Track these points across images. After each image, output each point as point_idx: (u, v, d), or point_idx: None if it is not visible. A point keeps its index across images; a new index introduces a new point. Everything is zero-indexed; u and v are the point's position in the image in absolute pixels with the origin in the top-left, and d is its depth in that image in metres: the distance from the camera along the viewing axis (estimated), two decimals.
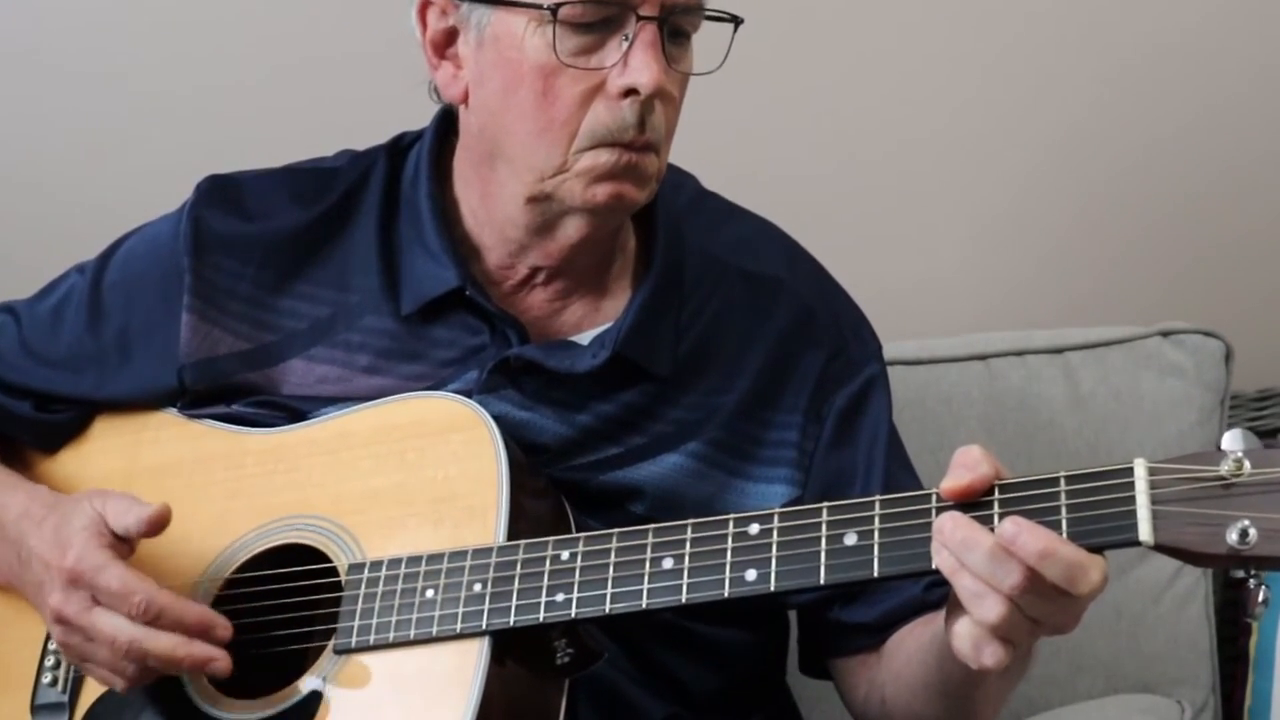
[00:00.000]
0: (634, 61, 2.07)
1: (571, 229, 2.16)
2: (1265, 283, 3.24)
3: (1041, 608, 1.80)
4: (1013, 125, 3.23)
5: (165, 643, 2.05)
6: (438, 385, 2.18)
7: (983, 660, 1.82)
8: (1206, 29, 3.21)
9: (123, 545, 2.11)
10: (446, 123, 2.28)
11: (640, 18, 2.07)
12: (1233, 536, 1.71)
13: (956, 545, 1.80)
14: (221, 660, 2.05)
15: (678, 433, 2.19)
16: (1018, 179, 3.25)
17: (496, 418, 2.11)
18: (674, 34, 2.10)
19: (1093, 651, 2.77)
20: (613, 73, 2.08)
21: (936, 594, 2.06)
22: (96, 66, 3.19)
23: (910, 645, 2.14)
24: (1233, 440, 1.76)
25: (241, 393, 2.25)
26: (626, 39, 2.07)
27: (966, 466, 1.86)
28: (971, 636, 1.82)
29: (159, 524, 2.10)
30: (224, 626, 2.07)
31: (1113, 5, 3.21)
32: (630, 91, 2.07)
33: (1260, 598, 1.74)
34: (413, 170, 2.27)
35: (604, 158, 2.10)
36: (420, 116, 2.31)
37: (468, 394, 2.15)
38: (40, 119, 3.21)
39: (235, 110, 3.18)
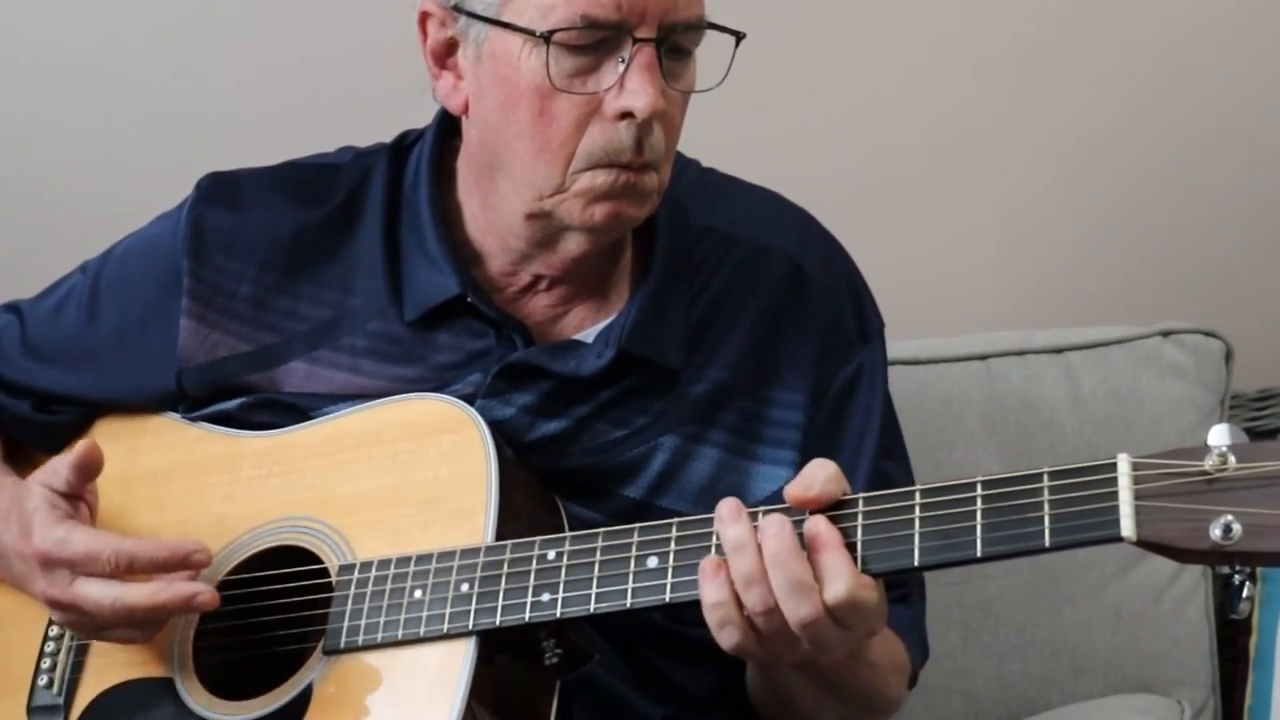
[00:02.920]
0: (630, 84, 2.05)
1: (572, 244, 2.16)
2: (1265, 283, 3.23)
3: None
4: (1015, 128, 3.23)
5: (144, 592, 2.05)
6: (440, 389, 2.17)
7: (721, 638, 1.91)
8: (1212, 34, 3.20)
9: (78, 505, 2.12)
10: (448, 123, 2.27)
11: (637, 40, 2.05)
12: (1216, 532, 1.70)
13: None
14: (205, 594, 2.05)
15: (677, 411, 2.18)
16: (1019, 180, 3.25)
17: (501, 421, 2.13)
18: (674, 51, 2.09)
19: (1093, 651, 2.77)
20: (609, 95, 2.06)
21: None
22: (96, 66, 3.19)
23: None
24: (1219, 435, 1.76)
25: (242, 393, 2.25)
26: (623, 61, 2.05)
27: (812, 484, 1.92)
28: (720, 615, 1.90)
29: (87, 463, 2.10)
30: (200, 549, 2.07)
31: (1119, 11, 3.21)
32: (627, 114, 2.06)
33: (1245, 594, 1.74)
34: (413, 173, 2.27)
35: (601, 179, 2.09)
36: (423, 114, 2.31)
37: (471, 397, 2.15)
38: (41, 119, 3.21)
39: (236, 109, 3.19)
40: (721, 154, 2.38)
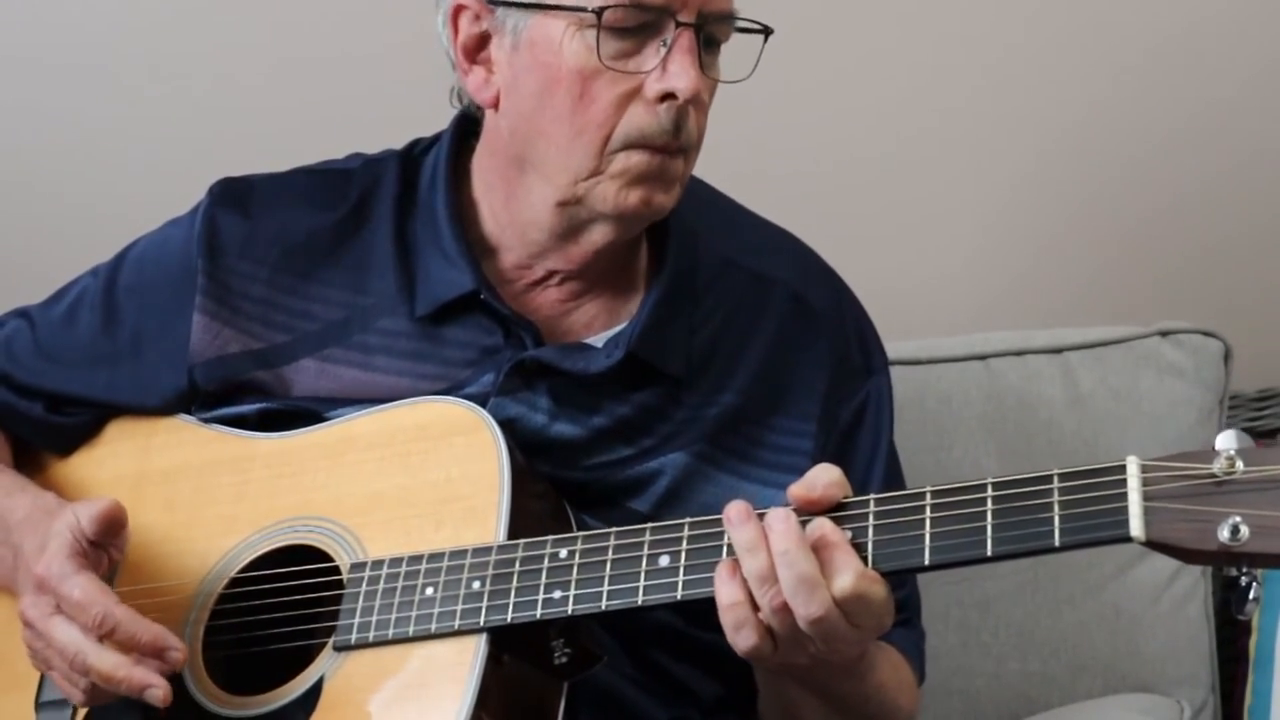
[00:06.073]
0: (672, 67, 2.09)
1: (597, 235, 2.18)
2: (1265, 283, 3.24)
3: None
4: (1012, 125, 3.24)
5: (108, 661, 2.04)
6: (454, 387, 2.20)
7: (737, 641, 1.92)
8: (1205, 28, 3.21)
9: (98, 552, 2.11)
10: (464, 128, 2.30)
11: (679, 24, 2.09)
12: (1224, 533, 1.72)
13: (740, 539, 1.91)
14: (160, 689, 2.03)
15: (685, 432, 2.21)
16: (1017, 179, 3.25)
17: (512, 420, 2.15)
18: (706, 42, 2.12)
19: (1092, 651, 2.77)
20: (650, 77, 2.10)
21: None
22: (99, 67, 3.20)
23: None
24: (1226, 440, 1.78)
25: (253, 392, 2.26)
26: (664, 44, 2.09)
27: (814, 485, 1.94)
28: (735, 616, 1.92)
29: (108, 520, 2.10)
30: (179, 649, 2.06)
31: (1109, 5, 3.22)
32: (668, 96, 2.10)
33: (1251, 595, 1.75)
34: (429, 174, 2.29)
35: (635, 159, 2.12)
36: (427, 116, 2.33)
37: (485, 396, 2.17)
38: (43, 120, 3.22)
39: (243, 112, 3.19)
40: (717, 157, 2.40)
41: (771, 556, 1.89)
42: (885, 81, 3.23)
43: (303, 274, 2.28)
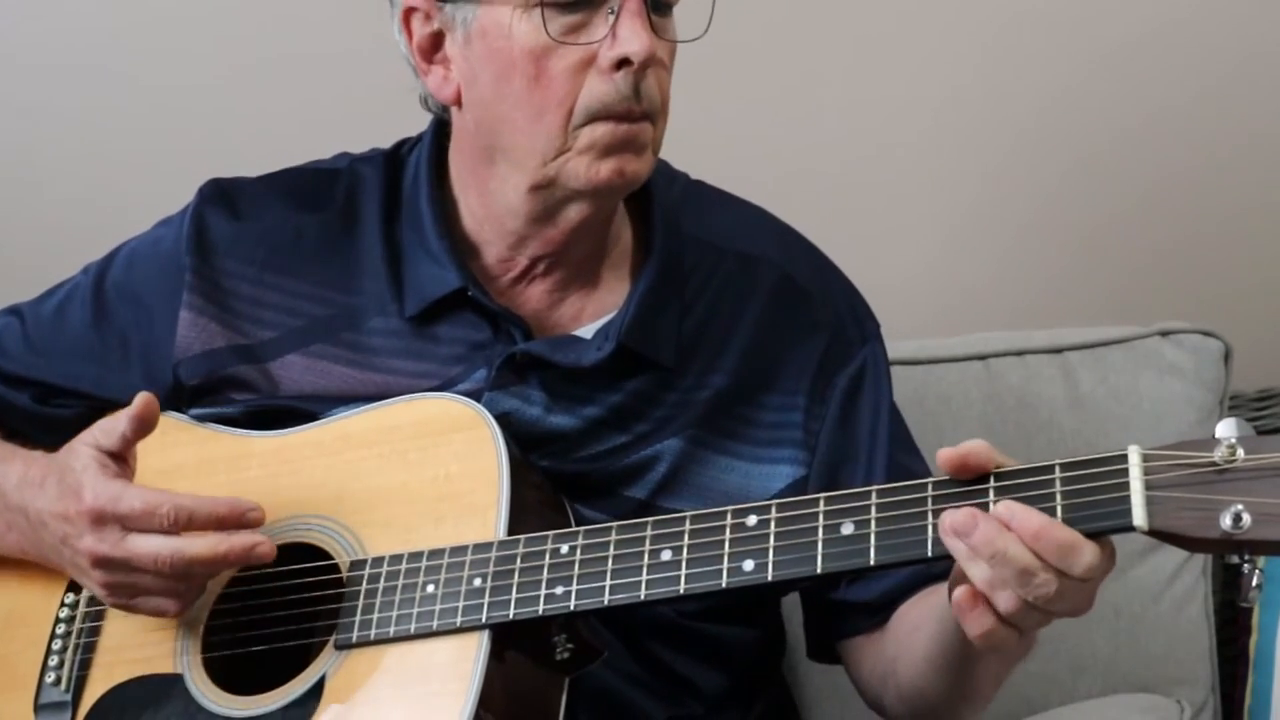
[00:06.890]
0: (622, 32, 2.10)
1: (574, 212, 2.19)
2: (1265, 282, 3.24)
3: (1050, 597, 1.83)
4: (1011, 122, 3.24)
5: (206, 544, 2.07)
6: (446, 384, 2.21)
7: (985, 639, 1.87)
8: (1206, 19, 3.21)
9: (126, 467, 2.13)
10: (443, 128, 2.31)
11: None
12: (1226, 521, 1.73)
13: (979, 541, 1.83)
14: (265, 544, 2.07)
15: (678, 416, 2.21)
16: (1017, 178, 3.26)
17: (506, 414, 2.15)
18: (656, 6, 2.13)
19: (1092, 651, 2.77)
20: (602, 46, 2.11)
21: (940, 566, 2.05)
22: (93, 66, 3.20)
23: (914, 616, 2.17)
24: (1226, 428, 1.78)
25: (239, 388, 2.27)
26: (612, 12, 2.10)
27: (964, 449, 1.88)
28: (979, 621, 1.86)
29: (145, 414, 2.11)
30: (254, 508, 2.09)
31: (1126, 6, 3.22)
32: (623, 63, 2.10)
33: (1254, 582, 1.76)
34: (413, 174, 2.30)
35: (600, 130, 2.12)
36: (417, 115, 2.33)
37: (478, 392, 2.18)
38: (35, 120, 3.22)
39: (236, 112, 3.20)
40: (709, 159, 2.40)
41: (994, 567, 1.83)
42: (881, 76, 3.23)
43: (290, 272, 2.30)
